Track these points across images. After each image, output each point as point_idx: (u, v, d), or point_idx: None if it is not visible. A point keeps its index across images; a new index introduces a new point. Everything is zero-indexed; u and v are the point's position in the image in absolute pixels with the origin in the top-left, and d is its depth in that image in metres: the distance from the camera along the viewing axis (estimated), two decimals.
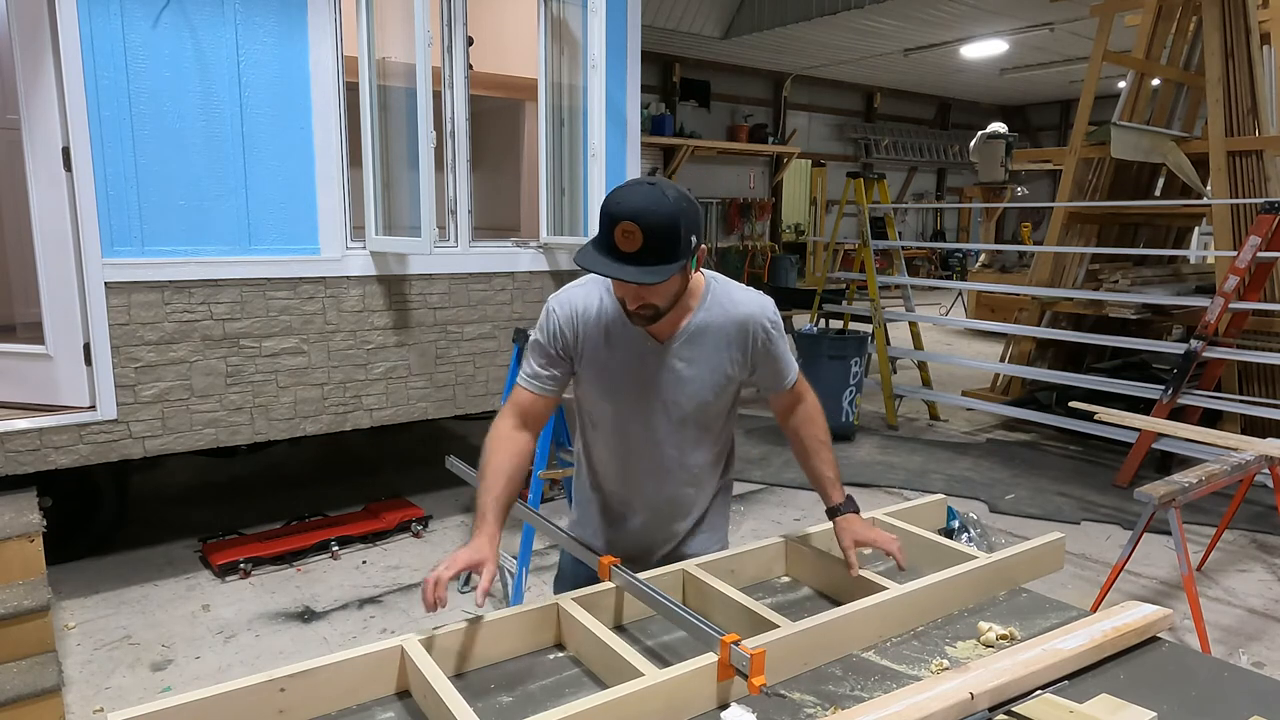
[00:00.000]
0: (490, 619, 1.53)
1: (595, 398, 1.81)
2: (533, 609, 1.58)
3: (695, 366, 1.75)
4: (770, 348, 1.79)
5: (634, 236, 1.52)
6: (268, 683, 1.31)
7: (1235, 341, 5.41)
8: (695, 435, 1.82)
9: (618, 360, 1.74)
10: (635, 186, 1.56)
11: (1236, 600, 3.87)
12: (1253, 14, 5.99)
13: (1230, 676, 1.49)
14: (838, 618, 1.53)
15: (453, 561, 1.53)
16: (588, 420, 1.89)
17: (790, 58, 13.02)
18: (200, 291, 3.70)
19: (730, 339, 1.75)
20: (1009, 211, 16.57)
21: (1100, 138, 6.30)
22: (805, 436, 1.88)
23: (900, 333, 8.15)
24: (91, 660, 3.26)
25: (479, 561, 1.55)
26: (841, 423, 6.32)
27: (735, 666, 1.35)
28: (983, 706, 1.29)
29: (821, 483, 1.85)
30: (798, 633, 1.46)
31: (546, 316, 1.77)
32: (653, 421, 1.79)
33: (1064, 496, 5.20)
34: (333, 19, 3.87)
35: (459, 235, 4.37)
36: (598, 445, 1.88)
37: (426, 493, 4.92)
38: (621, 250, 1.54)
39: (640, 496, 1.86)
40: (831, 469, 1.85)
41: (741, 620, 1.57)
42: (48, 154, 3.37)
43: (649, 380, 1.75)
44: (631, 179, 1.62)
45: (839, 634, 1.53)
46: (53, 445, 3.46)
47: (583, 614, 1.54)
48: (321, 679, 1.35)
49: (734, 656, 1.34)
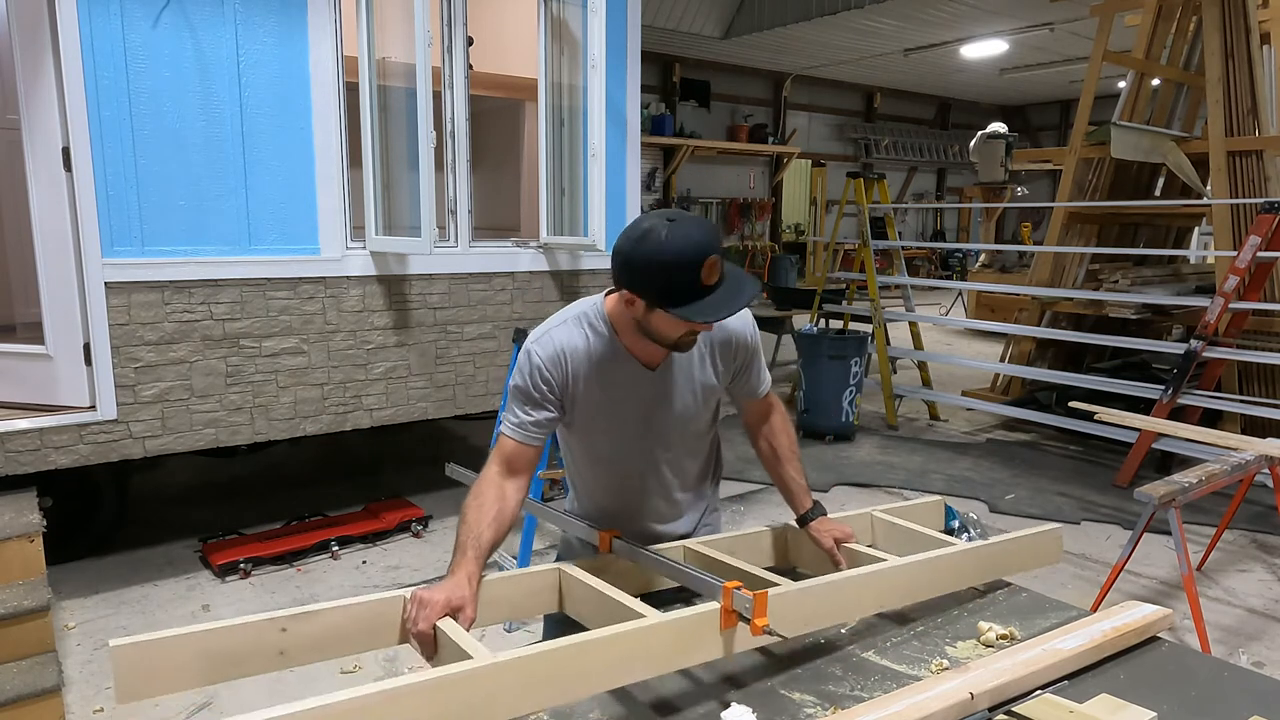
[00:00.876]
0: (492, 579, 1.53)
1: (593, 435, 1.77)
2: (534, 573, 1.59)
3: (688, 386, 1.76)
4: (751, 360, 1.83)
5: (717, 265, 1.50)
6: (269, 621, 1.32)
7: (1235, 341, 5.41)
8: (691, 448, 1.85)
9: (616, 395, 1.71)
10: (676, 225, 1.49)
11: (1236, 600, 3.87)
12: (1253, 14, 5.99)
13: (1230, 676, 1.49)
14: (838, 579, 1.56)
15: (430, 605, 1.39)
16: (581, 457, 1.84)
17: (790, 58, 13.02)
18: (200, 291, 3.69)
19: (715, 352, 1.77)
20: (1009, 211, 16.57)
21: (1100, 138, 6.30)
22: (778, 445, 1.91)
23: (900, 333, 8.15)
24: (91, 660, 3.25)
25: (459, 604, 1.42)
26: (841, 423, 6.32)
27: (738, 610, 1.36)
28: (983, 706, 1.29)
29: (792, 489, 1.88)
30: (798, 590, 1.49)
31: (528, 360, 1.67)
32: (652, 448, 1.79)
33: (1064, 496, 5.20)
34: (333, 19, 3.87)
35: (459, 235, 4.37)
36: (592, 478, 1.86)
37: (426, 493, 4.92)
38: (708, 284, 1.49)
39: (639, 515, 1.86)
40: (802, 476, 1.90)
41: (743, 580, 1.59)
42: (48, 154, 3.37)
43: (649, 409, 1.74)
44: (645, 218, 1.54)
45: (839, 595, 1.55)
46: (53, 445, 3.46)
47: (584, 574, 1.55)
48: (323, 623, 1.36)
49: (736, 600, 1.36)
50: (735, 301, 1.51)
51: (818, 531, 1.81)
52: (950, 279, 14.61)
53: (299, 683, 3.04)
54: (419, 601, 1.40)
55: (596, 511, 1.88)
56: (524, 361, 1.67)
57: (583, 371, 1.67)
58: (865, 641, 1.61)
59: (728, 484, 5.33)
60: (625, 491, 1.83)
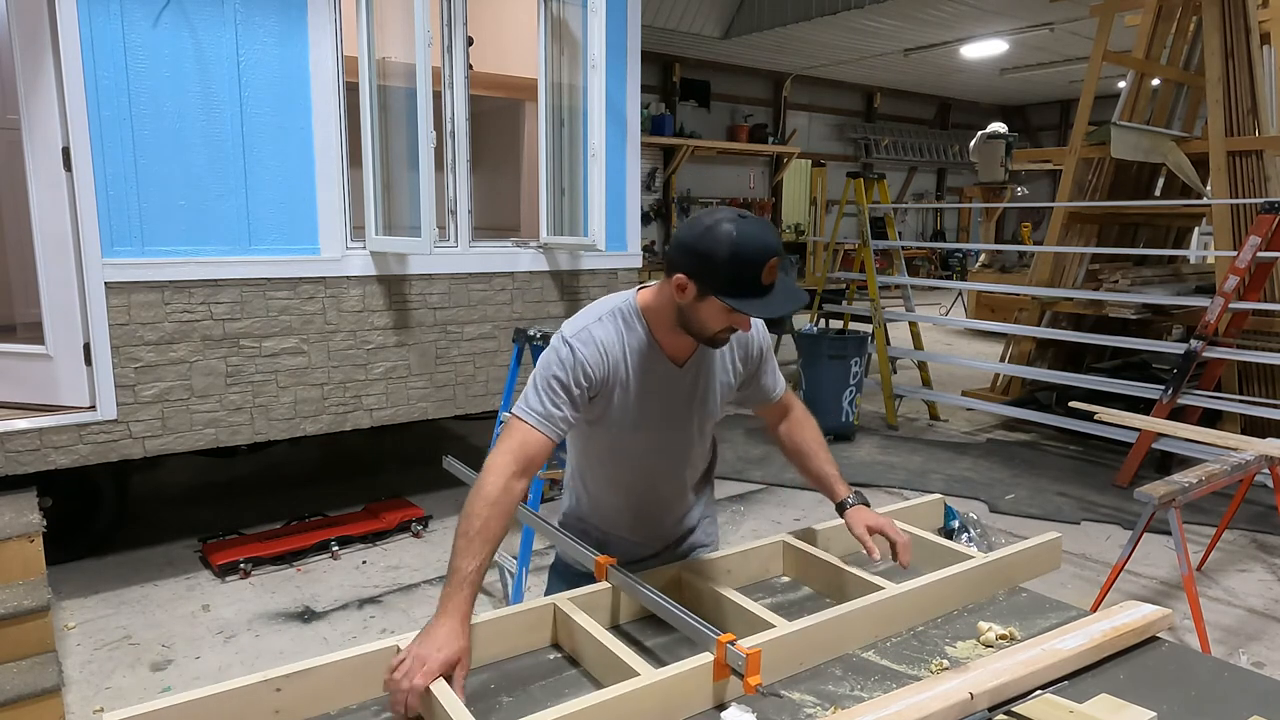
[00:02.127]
0: (486, 618, 1.53)
1: (623, 430, 1.72)
2: (529, 609, 1.58)
3: (711, 384, 1.78)
4: (764, 361, 1.85)
5: (776, 269, 1.53)
6: (263, 683, 1.30)
7: (1235, 341, 5.41)
8: (704, 446, 1.87)
9: (648, 391, 1.70)
10: (745, 222, 1.52)
11: (1236, 600, 3.87)
12: (1253, 14, 5.99)
13: (1230, 676, 1.49)
14: (833, 617, 1.53)
15: (426, 664, 1.31)
16: (603, 453, 1.80)
17: (790, 58, 13.02)
18: (200, 291, 3.69)
19: (735, 354, 1.79)
20: (1009, 211, 16.57)
21: (1100, 138, 6.30)
22: (804, 440, 1.91)
23: (900, 333, 8.15)
24: (91, 660, 3.26)
25: (455, 657, 1.35)
26: (841, 423, 6.32)
27: (731, 666, 1.34)
28: (982, 706, 1.29)
29: (827, 480, 1.87)
30: (793, 633, 1.46)
31: (571, 353, 1.61)
32: (676, 444, 1.80)
33: (1064, 496, 5.20)
34: (333, 19, 3.87)
35: (459, 235, 4.37)
36: (608, 475, 1.83)
37: (426, 493, 4.92)
38: (765, 284, 1.51)
39: (654, 510, 1.87)
40: (834, 466, 1.89)
41: (738, 619, 1.57)
42: (48, 154, 3.37)
43: (678, 405, 1.75)
44: (712, 213, 1.55)
45: (835, 633, 1.53)
46: (53, 445, 3.46)
47: (580, 614, 1.54)
48: (317, 679, 1.35)
49: (729, 656, 1.34)
50: (786, 305, 1.53)
51: (852, 520, 1.79)
52: (950, 279, 14.61)
53: None
54: (416, 659, 1.33)
55: (607, 508, 1.87)
56: (566, 355, 1.61)
57: (621, 368, 1.67)
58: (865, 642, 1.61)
59: (728, 484, 5.33)
60: (642, 488, 1.83)
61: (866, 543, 1.74)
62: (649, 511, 1.86)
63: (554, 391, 1.60)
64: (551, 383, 1.60)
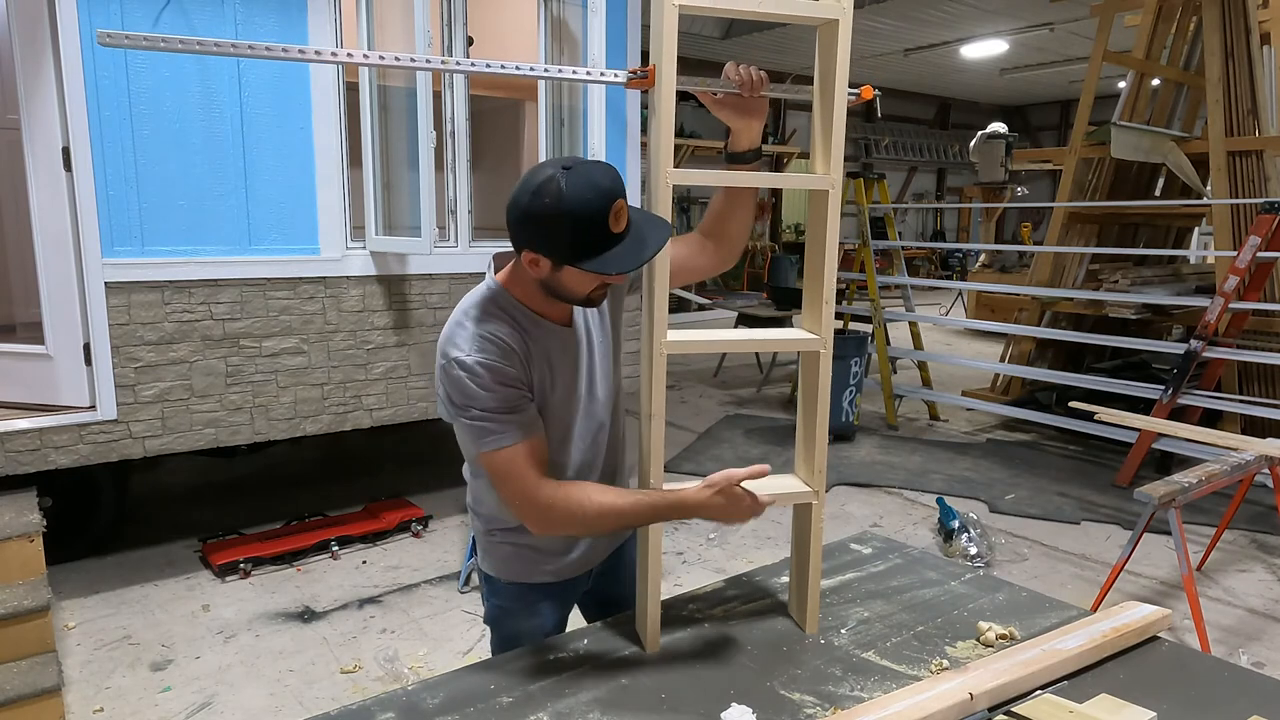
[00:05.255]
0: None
1: (554, 412, 1.61)
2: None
3: (599, 328, 1.68)
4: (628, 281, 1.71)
5: (624, 211, 1.41)
6: None
7: (1235, 341, 5.41)
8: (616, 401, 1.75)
9: (557, 364, 1.60)
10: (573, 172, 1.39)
11: (1236, 600, 3.87)
12: (1253, 14, 5.99)
13: (1230, 676, 1.49)
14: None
15: (746, 494, 1.51)
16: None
17: (790, 58, 13.02)
18: (200, 291, 3.70)
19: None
20: (1009, 211, 16.58)
21: (1100, 138, 6.31)
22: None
23: (900, 333, 8.15)
24: (91, 660, 3.26)
25: (727, 481, 1.49)
26: (841, 422, 6.32)
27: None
28: (982, 706, 1.30)
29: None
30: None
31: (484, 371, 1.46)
32: (600, 404, 1.69)
33: (1064, 496, 5.20)
34: (332, 19, 3.87)
35: (459, 235, 4.37)
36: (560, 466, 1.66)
37: (426, 493, 4.92)
38: (617, 232, 1.40)
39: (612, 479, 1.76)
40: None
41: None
42: (48, 154, 3.37)
43: (585, 363, 1.65)
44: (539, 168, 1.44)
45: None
46: (53, 445, 3.46)
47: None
48: None
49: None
50: (647, 247, 1.41)
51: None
52: (950, 279, 14.61)
53: (300, 684, 3.04)
54: (742, 500, 1.50)
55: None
56: (479, 374, 1.46)
57: (525, 352, 1.54)
58: (865, 642, 1.61)
59: None
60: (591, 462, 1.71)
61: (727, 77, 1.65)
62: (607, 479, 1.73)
63: (504, 408, 1.48)
64: (497, 404, 1.47)
